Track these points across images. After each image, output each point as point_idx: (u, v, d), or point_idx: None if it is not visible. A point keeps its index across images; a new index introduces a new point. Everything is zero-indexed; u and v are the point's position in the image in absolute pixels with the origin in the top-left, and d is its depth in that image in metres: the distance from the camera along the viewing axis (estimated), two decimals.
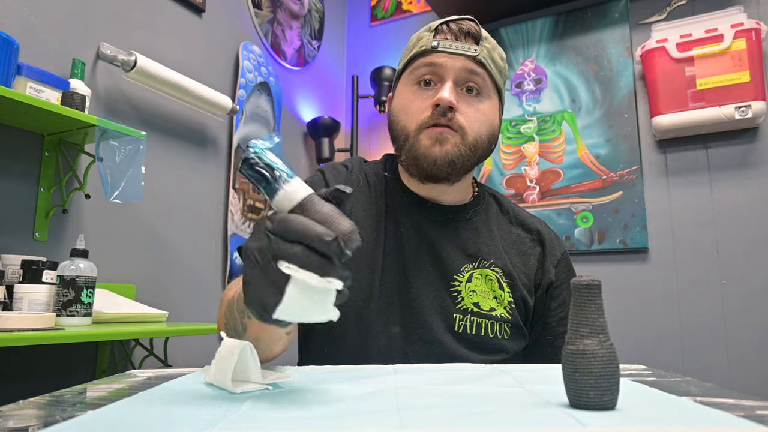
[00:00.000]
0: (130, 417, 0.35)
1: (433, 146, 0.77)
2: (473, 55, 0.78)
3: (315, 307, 0.38)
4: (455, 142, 0.77)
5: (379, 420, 0.33)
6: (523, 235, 0.87)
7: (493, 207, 0.90)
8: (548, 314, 0.84)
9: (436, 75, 0.79)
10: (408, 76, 0.82)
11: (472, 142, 0.78)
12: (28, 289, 1.07)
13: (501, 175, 2.17)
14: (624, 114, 1.97)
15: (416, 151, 0.78)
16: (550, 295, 0.84)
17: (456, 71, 0.77)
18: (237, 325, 0.57)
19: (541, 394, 0.42)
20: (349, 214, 0.82)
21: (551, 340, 0.84)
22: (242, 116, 1.93)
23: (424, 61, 0.79)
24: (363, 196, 0.85)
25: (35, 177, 1.28)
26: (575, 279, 0.37)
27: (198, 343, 1.64)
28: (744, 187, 1.77)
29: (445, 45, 0.78)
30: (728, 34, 1.75)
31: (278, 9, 2.24)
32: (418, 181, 0.82)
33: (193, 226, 1.72)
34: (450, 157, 0.77)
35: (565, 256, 0.88)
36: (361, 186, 0.86)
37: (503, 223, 0.88)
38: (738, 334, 1.71)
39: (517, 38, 2.22)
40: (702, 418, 0.33)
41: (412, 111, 0.79)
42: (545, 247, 0.86)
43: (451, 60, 0.78)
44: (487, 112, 0.80)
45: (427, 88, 0.79)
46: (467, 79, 0.78)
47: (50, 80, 1.20)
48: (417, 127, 0.78)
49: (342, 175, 0.87)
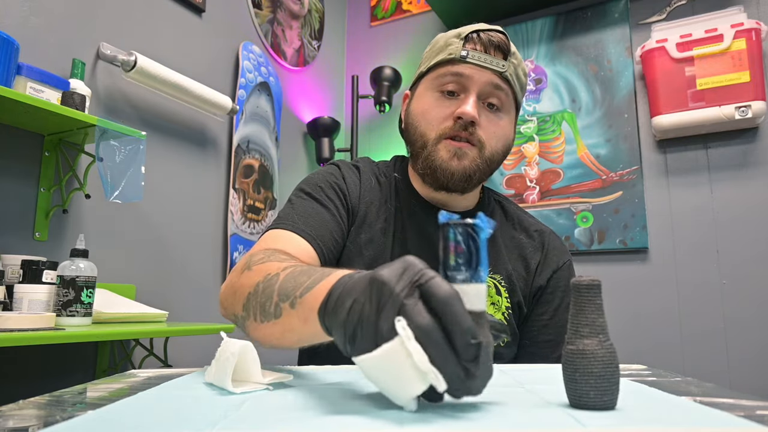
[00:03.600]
0: (130, 417, 0.35)
1: (451, 160, 0.77)
2: (501, 71, 0.77)
3: (394, 382, 0.33)
4: (473, 157, 0.77)
5: (379, 420, 0.33)
6: (526, 241, 0.87)
7: (498, 213, 0.90)
8: (531, 317, 0.84)
9: (460, 85, 0.78)
10: (432, 80, 0.81)
11: (488, 157, 0.78)
12: (28, 289, 1.07)
13: (501, 175, 2.17)
14: (624, 114, 1.97)
15: (434, 162, 0.78)
16: (537, 300, 0.84)
17: (481, 85, 0.77)
18: (269, 305, 0.52)
19: (541, 394, 0.42)
20: (363, 215, 0.82)
21: (526, 344, 0.83)
22: (242, 116, 1.93)
23: (451, 70, 0.78)
24: (375, 197, 0.85)
25: (35, 177, 1.28)
26: (575, 279, 0.37)
27: (198, 343, 1.64)
28: (744, 187, 1.77)
29: (474, 56, 0.77)
30: (728, 34, 1.75)
31: (278, 9, 2.24)
32: (431, 188, 0.82)
33: (193, 226, 1.72)
34: (468, 173, 0.77)
35: (568, 266, 0.87)
36: (372, 187, 0.86)
37: (507, 229, 0.88)
38: (738, 334, 1.71)
39: (517, 38, 2.22)
40: (702, 418, 0.33)
41: (432, 118, 0.79)
42: (546, 254, 0.86)
43: (478, 73, 0.77)
44: (505, 127, 0.81)
45: (450, 98, 0.79)
46: (491, 93, 0.78)
47: (50, 80, 1.20)
48: (436, 137, 0.78)
49: (355, 177, 0.86)
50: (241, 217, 1.89)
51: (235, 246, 1.84)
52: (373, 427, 0.31)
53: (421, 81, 0.84)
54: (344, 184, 0.83)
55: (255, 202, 1.96)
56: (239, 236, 1.87)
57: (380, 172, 0.88)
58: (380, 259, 0.79)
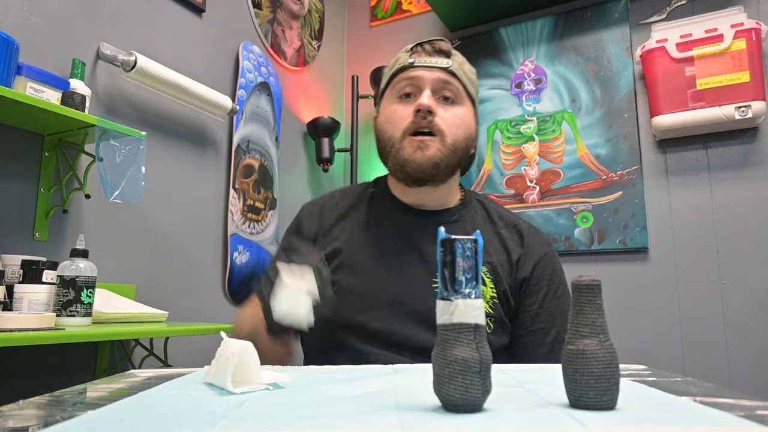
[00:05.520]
0: (130, 417, 0.35)
1: (416, 152, 0.84)
2: (446, 67, 0.88)
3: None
4: (436, 146, 0.85)
5: (379, 420, 0.33)
6: (507, 235, 0.92)
7: (479, 211, 0.96)
8: (522, 310, 0.88)
9: (414, 87, 0.88)
10: (390, 92, 0.91)
11: (451, 144, 0.86)
12: (28, 289, 1.07)
13: (501, 175, 2.17)
14: (624, 114, 1.97)
15: (401, 157, 0.86)
16: (525, 291, 0.88)
17: (432, 82, 0.87)
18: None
19: (541, 394, 0.42)
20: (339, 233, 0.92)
21: (521, 335, 0.87)
22: (242, 116, 1.93)
23: (403, 76, 0.89)
24: (347, 213, 0.95)
25: (35, 177, 1.28)
26: (575, 279, 0.37)
27: (198, 343, 1.64)
28: (744, 187, 1.77)
29: (421, 61, 0.88)
30: (728, 34, 1.75)
31: (278, 9, 2.24)
32: (405, 184, 0.89)
33: (193, 226, 1.72)
34: (434, 161, 0.85)
35: (550, 256, 0.92)
36: (343, 206, 0.96)
37: (488, 225, 0.94)
38: (738, 334, 1.71)
39: (517, 38, 2.22)
40: (702, 418, 0.33)
41: (396, 120, 0.88)
42: (526, 247, 0.91)
43: (427, 72, 0.87)
44: (463, 116, 0.89)
45: (408, 100, 0.88)
46: (442, 87, 0.87)
47: (50, 80, 1.20)
48: (401, 135, 0.86)
49: (316, 212, 0.96)
50: (241, 217, 1.89)
51: (235, 246, 1.84)
52: (373, 427, 0.31)
53: (383, 98, 0.94)
54: (302, 232, 0.95)
55: (255, 202, 1.96)
56: (239, 236, 1.87)
57: (354, 190, 0.99)
58: (360, 262, 0.88)
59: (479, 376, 0.35)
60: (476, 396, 0.35)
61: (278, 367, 0.59)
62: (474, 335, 0.36)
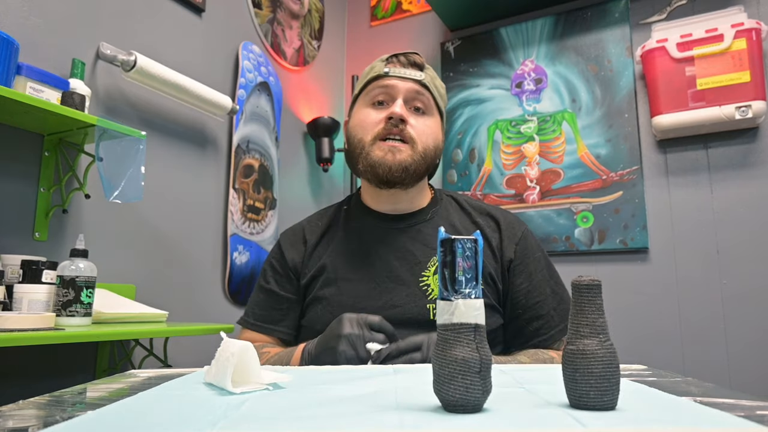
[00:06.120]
0: (130, 417, 0.35)
1: (386, 155, 0.88)
2: (419, 79, 0.92)
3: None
4: (407, 152, 0.88)
5: (379, 420, 0.33)
6: (483, 223, 0.95)
7: (452, 204, 1.00)
8: (513, 290, 0.90)
9: (388, 95, 0.92)
10: (363, 98, 0.95)
11: (422, 151, 0.90)
12: (27, 289, 1.07)
13: (501, 175, 2.17)
14: (624, 114, 1.97)
15: (372, 159, 0.89)
16: (513, 272, 0.91)
17: (405, 92, 0.91)
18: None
19: (541, 394, 0.42)
20: (323, 251, 0.96)
21: (520, 314, 0.90)
22: (242, 116, 1.93)
23: (378, 84, 0.93)
24: (326, 231, 0.98)
25: (35, 177, 1.28)
26: (575, 279, 0.37)
27: (198, 343, 1.64)
28: (744, 187, 1.77)
29: (396, 71, 0.92)
30: (728, 34, 1.75)
31: (278, 9, 2.24)
32: (375, 186, 0.92)
33: (193, 226, 1.72)
34: (404, 164, 0.88)
35: (525, 234, 0.95)
36: (323, 225, 1.00)
37: (464, 216, 0.98)
38: (738, 334, 1.71)
39: (517, 38, 2.22)
40: (702, 418, 0.33)
41: (367, 124, 0.91)
42: (502, 231, 0.94)
43: (401, 82, 0.91)
44: (433, 126, 0.93)
45: (381, 107, 0.92)
46: (415, 98, 0.91)
47: (50, 80, 1.19)
48: (372, 139, 0.90)
49: (297, 236, 1.00)
50: (240, 217, 1.89)
51: (235, 246, 1.84)
52: (373, 427, 0.31)
53: (355, 103, 0.98)
54: (283, 260, 0.97)
55: (255, 202, 1.96)
56: (239, 236, 1.87)
57: (329, 210, 1.03)
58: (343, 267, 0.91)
59: (479, 376, 0.35)
60: (476, 396, 0.35)
61: (278, 367, 0.59)
62: (474, 335, 0.36)
